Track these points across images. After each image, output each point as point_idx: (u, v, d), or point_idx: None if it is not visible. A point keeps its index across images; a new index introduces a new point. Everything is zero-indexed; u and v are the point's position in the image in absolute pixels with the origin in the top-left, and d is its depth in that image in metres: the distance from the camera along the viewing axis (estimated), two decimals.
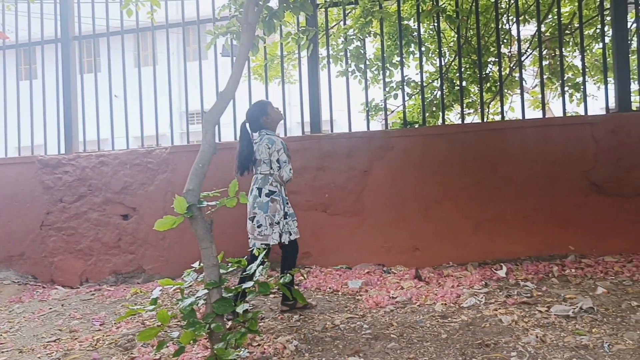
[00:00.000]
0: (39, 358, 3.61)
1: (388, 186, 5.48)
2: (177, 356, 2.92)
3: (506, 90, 7.51)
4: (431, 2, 5.85)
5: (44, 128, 6.59)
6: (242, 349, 3.09)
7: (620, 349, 3.03)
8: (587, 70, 7.41)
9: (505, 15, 7.29)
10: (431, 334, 3.47)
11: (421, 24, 6.45)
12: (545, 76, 7.03)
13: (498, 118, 6.94)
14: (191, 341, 2.89)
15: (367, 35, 6.10)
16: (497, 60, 6.06)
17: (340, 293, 4.65)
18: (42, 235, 6.25)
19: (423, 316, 3.84)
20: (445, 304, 4.08)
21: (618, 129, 5.11)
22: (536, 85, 7.90)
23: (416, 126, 6.01)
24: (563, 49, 6.33)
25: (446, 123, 6.61)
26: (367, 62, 6.19)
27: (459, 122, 5.93)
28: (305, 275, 5.15)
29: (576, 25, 6.90)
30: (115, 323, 4.24)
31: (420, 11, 5.89)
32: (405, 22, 6.75)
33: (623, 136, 5.09)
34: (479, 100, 6.04)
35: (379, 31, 6.00)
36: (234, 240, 5.57)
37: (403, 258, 5.40)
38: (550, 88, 7.92)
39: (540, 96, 5.88)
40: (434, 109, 7.42)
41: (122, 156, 6.11)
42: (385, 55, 6.10)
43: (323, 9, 6.00)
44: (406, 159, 5.48)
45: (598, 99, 7.67)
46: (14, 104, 6.75)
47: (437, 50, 6.02)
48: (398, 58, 6.34)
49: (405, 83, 6.18)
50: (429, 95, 7.56)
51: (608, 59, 5.57)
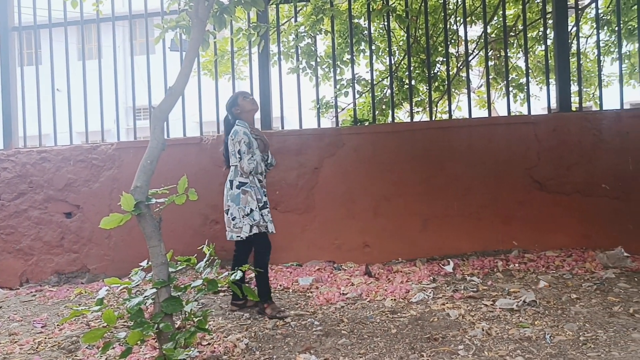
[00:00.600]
0: None
1: (338, 183, 5.51)
2: (124, 357, 2.85)
3: (454, 89, 7.66)
4: (381, 2, 5.91)
5: None
6: (192, 349, 3.04)
7: (560, 340, 3.15)
8: (531, 71, 7.66)
9: (453, 16, 7.44)
10: (381, 329, 3.51)
11: (371, 23, 6.51)
12: (490, 76, 7.21)
13: (446, 117, 7.08)
14: (139, 341, 2.83)
15: (318, 32, 6.11)
16: (445, 60, 6.19)
17: (291, 290, 4.65)
18: None
19: (373, 312, 3.89)
20: (394, 300, 4.14)
21: (559, 128, 5.30)
22: (482, 85, 8.11)
23: (366, 124, 6.06)
24: (508, 51, 6.51)
25: (396, 121, 6.69)
26: (318, 60, 6.19)
27: (408, 121, 6.02)
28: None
29: (520, 27, 7.11)
30: (58, 325, 4.10)
31: (370, 10, 5.95)
32: (355, 21, 6.80)
33: (563, 135, 5.28)
34: (428, 99, 6.15)
35: (330, 29, 6.02)
36: (184, 238, 5.49)
37: (353, 255, 5.44)
38: (495, 88, 8.14)
39: (486, 96, 6.03)
40: (384, 107, 7.50)
41: (66, 152, 5.91)
42: (336, 53, 6.13)
43: (274, 6, 5.97)
44: (356, 157, 5.52)
45: (540, 99, 7.94)
46: None
47: (387, 49, 6.10)
48: (349, 56, 6.38)
49: (355, 81, 6.23)
50: (379, 93, 7.65)
51: (550, 61, 5.76)
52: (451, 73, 6.66)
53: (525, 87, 6.12)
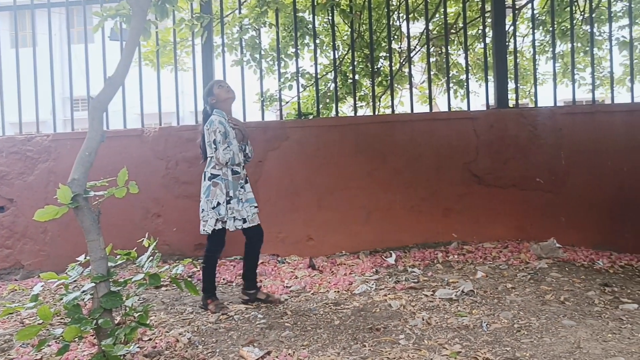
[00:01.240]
0: None
1: (282, 177, 5.51)
2: (61, 355, 2.77)
3: (396, 84, 7.78)
4: None
5: None
6: (132, 344, 2.98)
7: (496, 328, 3.27)
8: (470, 68, 7.86)
9: (396, 12, 7.55)
10: (324, 321, 3.55)
11: (316, 17, 6.52)
12: (432, 72, 7.36)
13: (389, 111, 7.18)
14: (76, 338, 2.75)
15: (263, 25, 6.08)
16: (388, 55, 6.27)
17: (234, 284, 4.63)
18: None
19: (317, 304, 3.92)
20: (338, 292, 4.19)
21: (497, 124, 5.47)
22: (424, 80, 8.27)
23: (310, 117, 6.08)
24: (449, 47, 6.66)
25: (339, 115, 6.74)
26: (262, 52, 6.16)
27: (352, 115, 6.08)
28: (197, 266, 5.05)
29: (461, 25, 7.29)
30: None
31: (315, 4, 5.96)
32: (300, 14, 6.80)
33: (501, 131, 5.46)
34: (371, 93, 6.22)
35: (275, 22, 6.00)
36: (124, 232, 5.37)
37: (297, 248, 5.46)
38: (437, 84, 8.32)
39: (427, 91, 6.16)
40: (328, 101, 7.55)
41: None
42: (280, 46, 6.11)
43: None
44: (300, 150, 5.53)
45: (480, 96, 8.17)
46: None
47: (331, 43, 6.12)
48: (293, 49, 6.36)
49: (300, 74, 6.23)
50: (323, 87, 7.68)
51: (489, 59, 5.94)
52: (394, 68, 6.76)
53: (465, 84, 6.28)
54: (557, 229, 5.33)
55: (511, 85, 6.17)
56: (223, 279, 4.73)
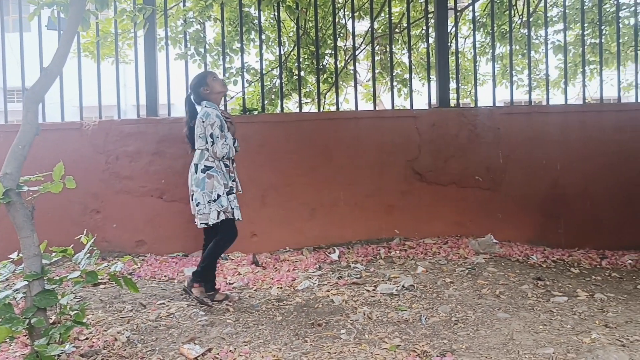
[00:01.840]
0: None
1: None
2: None
3: (341, 82, 7.85)
4: None
5: None
6: (68, 344, 2.90)
7: (435, 321, 3.36)
8: (414, 67, 8.01)
9: (342, 10, 7.60)
10: (267, 317, 3.55)
11: (262, 13, 6.49)
12: (377, 71, 7.45)
13: (334, 108, 7.23)
14: (7, 338, 2.65)
15: (208, 19, 6.01)
16: (334, 53, 6.31)
17: (176, 281, 4.56)
18: None
19: (259, 300, 3.91)
20: (281, 288, 4.20)
21: (438, 123, 5.60)
22: (369, 79, 8.36)
23: (255, 113, 6.05)
24: (393, 46, 6.76)
25: (285, 111, 6.74)
26: (207, 47, 6.09)
27: (297, 111, 6.09)
28: (138, 263, 4.96)
29: (405, 25, 7.41)
30: None
31: None
32: (246, 9, 6.76)
33: (442, 129, 5.59)
34: (316, 90, 6.25)
35: (220, 16, 5.93)
36: (61, 228, 5.20)
37: (241, 244, 5.40)
38: (381, 82, 8.43)
39: (372, 89, 6.23)
40: (273, 97, 7.53)
41: None
42: (225, 40, 6.05)
43: None
44: (245, 145, 5.47)
45: (423, 95, 8.33)
46: None
47: (277, 39, 6.11)
48: (238, 44, 6.32)
49: (245, 70, 6.19)
50: (269, 83, 7.66)
51: (431, 59, 6.06)
52: (339, 66, 6.81)
53: (408, 83, 6.40)
54: (495, 225, 5.50)
55: (453, 85, 6.32)
56: (165, 276, 4.65)
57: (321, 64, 7.34)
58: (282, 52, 6.71)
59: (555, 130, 5.64)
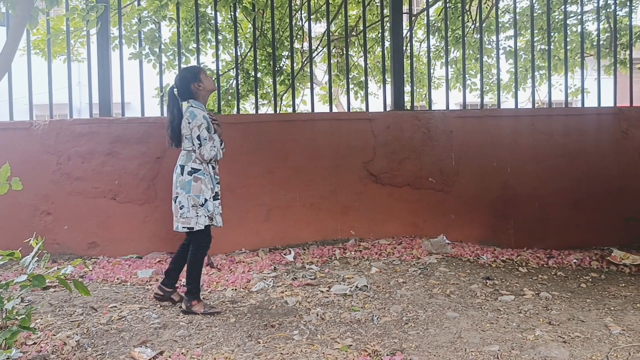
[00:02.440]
0: None
1: None
2: None
3: (298, 84, 7.88)
4: None
5: None
6: (14, 349, 2.84)
7: (386, 321, 3.42)
8: (370, 70, 8.10)
9: (299, 12, 7.63)
10: (220, 319, 3.55)
11: (218, 13, 6.47)
12: (333, 73, 7.51)
13: (290, 110, 7.26)
14: None
15: (163, 19, 5.95)
16: (290, 54, 6.34)
17: (129, 283, 4.50)
18: None
19: (214, 302, 3.90)
20: (235, 289, 4.20)
21: (393, 125, 5.68)
22: (327, 81, 8.43)
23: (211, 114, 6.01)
24: (349, 49, 6.83)
25: (241, 112, 6.73)
26: (163, 46, 6.02)
27: (254, 112, 6.08)
28: (89, 266, 4.87)
29: (361, 28, 7.49)
30: None
31: (217, 0, 5.91)
32: (202, 10, 6.71)
33: (397, 132, 5.68)
34: (273, 92, 6.26)
35: (175, 16, 5.88)
36: (9, 231, 5.08)
37: None
38: (338, 84, 8.50)
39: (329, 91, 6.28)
40: (230, 98, 7.50)
41: None
42: (181, 40, 6.00)
43: None
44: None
45: (379, 98, 8.44)
46: None
47: (234, 40, 6.10)
48: (194, 45, 6.26)
49: None
50: (225, 84, 7.62)
51: (387, 62, 6.15)
52: (296, 68, 6.84)
53: (364, 85, 6.47)
54: (448, 226, 5.63)
55: (408, 88, 6.43)
56: (117, 279, 4.59)
57: (278, 66, 7.35)
58: (239, 53, 6.70)
59: (506, 133, 5.79)
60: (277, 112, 6.20)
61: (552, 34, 7.72)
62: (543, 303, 3.81)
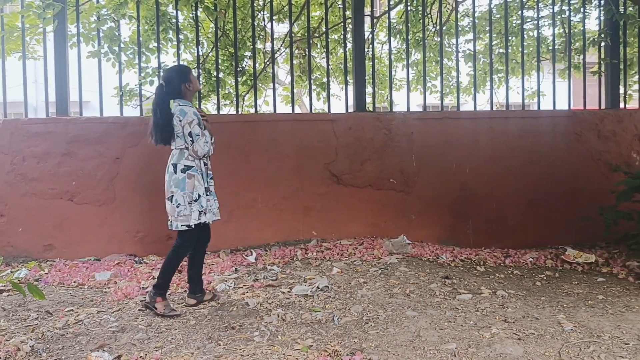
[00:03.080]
0: None
1: (142, 174, 5.35)
2: None
3: (261, 84, 7.86)
4: None
5: None
6: None
7: (347, 321, 3.45)
8: (332, 71, 8.14)
9: (261, 12, 7.61)
10: (180, 322, 3.51)
11: (180, 12, 6.40)
12: (296, 74, 7.52)
13: (253, 110, 7.23)
14: None
15: (123, 17, 5.85)
16: (252, 55, 6.32)
17: (86, 286, 4.42)
18: None
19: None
20: None
21: (355, 127, 5.72)
22: (289, 82, 8.42)
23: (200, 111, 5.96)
24: (312, 50, 6.85)
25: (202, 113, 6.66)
26: (122, 45, 5.92)
27: (215, 113, 6.04)
28: (44, 269, 4.76)
29: (324, 29, 7.51)
30: None
31: None
32: (163, 8, 6.63)
33: (358, 133, 5.72)
34: (235, 92, 6.23)
35: (136, 14, 5.79)
36: None
37: (156, 247, 5.33)
38: (300, 85, 8.50)
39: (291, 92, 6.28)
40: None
41: None
42: (141, 39, 5.92)
43: None
44: (161, 147, 5.36)
45: (341, 99, 8.48)
46: None
47: (196, 39, 6.04)
48: (155, 44, 6.18)
49: (161, 70, 6.07)
50: None
51: (349, 63, 6.18)
52: (258, 68, 6.82)
53: (326, 87, 6.50)
54: (408, 226, 5.71)
55: (370, 89, 6.48)
56: (74, 282, 4.49)
57: (240, 66, 7.32)
58: (201, 53, 6.64)
59: (465, 135, 5.90)
60: (239, 113, 6.17)
61: (510, 38, 7.89)
62: (499, 301, 3.90)
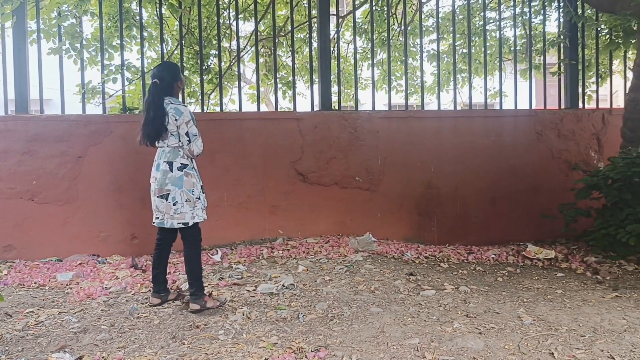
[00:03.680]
0: None
1: (105, 173, 5.28)
2: None
3: (226, 82, 7.81)
4: None
5: None
6: None
7: (312, 318, 3.47)
8: (298, 70, 8.15)
9: (227, 10, 7.57)
10: (144, 322, 3.48)
11: (144, 9, 6.32)
12: (262, 72, 7.50)
13: (218, 109, 7.19)
14: None
15: (84, 13, 5.76)
16: (218, 53, 6.29)
17: (47, 287, 4.33)
18: None
19: (137, 304, 3.82)
20: None
21: (320, 125, 5.75)
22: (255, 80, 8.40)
23: (136, 112, 5.88)
24: (278, 49, 6.84)
25: None
26: (84, 42, 5.82)
27: None
28: (4, 271, 4.66)
29: (289, 28, 7.52)
30: None
31: None
32: (126, 5, 6.53)
33: (324, 132, 5.75)
34: (200, 90, 6.19)
35: (98, 11, 5.70)
36: None
37: (120, 247, 5.27)
38: (266, 84, 8.49)
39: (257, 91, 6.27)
40: None
41: None
42: (104, 36, 5.83)
43: None
44: (125, 146, 5.34)
45: (307, 98, 8.50)
46: None
47: (160, 37, 5.98)
48: (118, 41, 6.10)
49: (125, 67, 5.99)
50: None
51: (315, 63, 6.21)
52: (224, 67, 6.78)
53: (292, 85, 6.51)
54: (374, 224, 5.76)
55: (335, 88, 6.51)
56: (35, 282, 4.40)
57: (205, 64, 7.26)
58: (165, 51, 6.57)
59: (429, 134, 5.99)
60: (205, 111, 6.13)
61: (473, 39, 8.04)
62: (462, 297, 3.97)
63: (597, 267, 4.83)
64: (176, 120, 3.64)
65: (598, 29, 6.54)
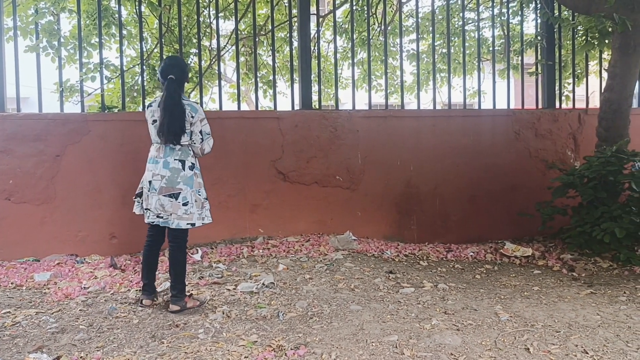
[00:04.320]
0: None
1: (83, 172, 5.23)
2: None
3: (207, 81, 7.79)
4: None
5: None
6: None
7: (292, 317, 3.49)
8: (278, 69, 8.15)
9: (207, 9, 7.54)
10: (123, 321, 3.47)
11: (123, 7, 6.28)
12: (242, 71, 7.49)
13: None
14: None
15: (62, 10, 5.70)
16: (198, 51, 6.27)
17: (24, 288, 4.28)
18: None
19: (116, 304, 3.80)
20: (139, 290, 4.09)
21: (301, 124, 5.76)
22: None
23: (115, 111, 5.84)
24: (258, 48, 6.84)
25: None
26: (62, 40, 5.76)
27: None
28: None
29: (270, 27, 7.52)
30: None
31: None
32: (105, 2, 6.48)
33: (305, 131, 5.76)
34: None
35: (76, 8, 5.64)
36: None
37: (99, 247, 5.22)
38: (247, 83, 8.48)
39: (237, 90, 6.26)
40: (135, 95, 7.28)
41: None
42: (83, 34, 5.78)
43: None
44: (104, 145, 5.30)
45: (287, 97, 8.50)
46: None
47: (139, 35, 5.95)
48: (97, 39, 6.04)
49: (104, 65, 5.95)
50: (130, 80, 7.39)
51: (296, 62, 6.21)
52: (204, 65, 6.76)
53: (272, 84, 6.52)
54: (354, 223, 5.79)
55: (316, 87, 6.54)
56: (11, 283, 4.35)
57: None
58: (145, 49, 6.53)
59: (409, 133, 6.03)
60: None
61: (452, 39, 8.11)
62: (440, 294, 4.02)
63: (573, 265, 4.91)
64: (192, 117, 3.61)
65: (574, 30, 6.64)
